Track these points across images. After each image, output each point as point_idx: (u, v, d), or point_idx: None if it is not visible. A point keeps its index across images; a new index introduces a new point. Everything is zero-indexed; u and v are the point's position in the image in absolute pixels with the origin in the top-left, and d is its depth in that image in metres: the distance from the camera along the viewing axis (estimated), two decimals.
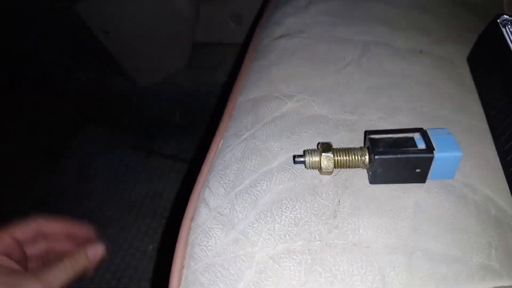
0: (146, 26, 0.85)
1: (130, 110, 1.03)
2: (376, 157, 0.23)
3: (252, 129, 0.30)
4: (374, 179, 0.24)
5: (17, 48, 1.11)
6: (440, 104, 0.30)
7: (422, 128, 0.24)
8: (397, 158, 0.22)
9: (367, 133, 0.24)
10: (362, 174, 0.25)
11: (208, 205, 0.24)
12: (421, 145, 0.23)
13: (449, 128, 0.29)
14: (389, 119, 0.28)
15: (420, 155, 0.22)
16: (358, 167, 0.24)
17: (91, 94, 1.05)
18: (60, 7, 0.85)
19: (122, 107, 1.05)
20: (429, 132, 0.24)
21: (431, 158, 0.22)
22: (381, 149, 0.23)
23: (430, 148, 0.22)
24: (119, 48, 0.88)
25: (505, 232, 0.24)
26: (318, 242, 0.21)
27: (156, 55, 0.92)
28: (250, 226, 0.22)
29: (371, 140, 0.24)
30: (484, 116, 0.30)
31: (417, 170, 0.23)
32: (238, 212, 0.23)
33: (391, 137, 0.24)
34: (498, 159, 0.28)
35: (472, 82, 0.33)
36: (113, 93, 1.05)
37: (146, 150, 0.90)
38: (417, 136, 0.23)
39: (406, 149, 0.23)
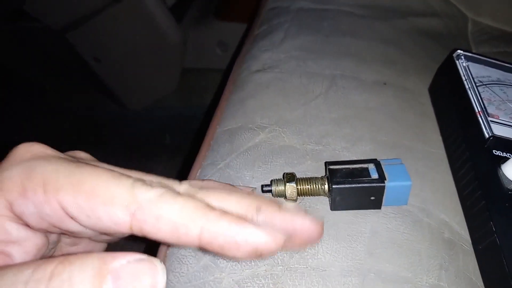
0: (136, 53, 0.88)
1: (121, 132, 1.05)
2: (333, 186, 0.25)
3: (227, 159, 0.32)
4: (334, 206, 0.26)
5: (13, 71, 1.14)
6: (401, 133, 0.33)
7: (376, 159, 0.26)
8: (352, 187, 0.25)
9: (327, 164, 0.27)
10: (324, 202, 0.27)
11: None
12: (374, 175, 0.25)
13: (408, 155, 0.31)
14: (352, 148, 0.31)
15: (373, 185, 0.25)
16: (320, 195, 0.26)
17: (84, 117, 1.08)
18: (52, 35, 0.88)
19: (113, 129, 1.07)
20: (382, 163, 0.26)
21: (383, 187, 0.25)
22: (339, 179, 0.25)
23: (382, 178, 0.25)
24: (110, 75, 0.91)
25: (457, 253, 0.26)
26: (280, 267, 0.23)
27: (146, 81, 0.95)
28: None
29: (330, 170, 0.26)
30: (442, 143, 0.33)
31: (372, 198, 0.25)
32: None
33: (348, 168, 0.26)
34: (454, 184, 0.30)
35: (432, 111, 0.36)
36: (105, 116, 1.08)
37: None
38: (371, 166, 0.26)
39: (360, 179, 0.25)
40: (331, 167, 0.26)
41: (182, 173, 0.34)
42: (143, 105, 1.01)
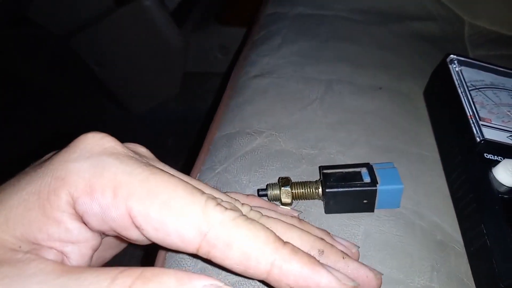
0: (139, 58, 0.89)
1: (125, 135, 1.06)
2: (327, 190, 0.25)
3: (225, 163, 0.33)
4: (328, 209, 0.27)
5: (18, 76, 1.16)
6: (395, 137, 0.33)
7: (368, 163, 0.27)
8: (345, 191, 0.25)
9: (321, 168, 0.27)
10: (319, 205, 0.28)
11: None
12: (367, 179, 0.26)
13: (403, 158, 0.32)
14: (347, 152, 0.31)
15: (365, 188, 0.25)
16: (314, 198, 0.27)
17: (88, 121, 1.09)
18: (56, 41, 0.89)
19: (117, 133, 1.08)
20: (375, 167, 0.27)
21: (375, 191, 0.25)
22: (332, 183, 0.26)
23: (374, 182, 0.25)
24: (112, 79, 0.93)
25: (449, 255, 0.26)
26: None
27: (148, 84, 0.96)
28: None
29: (324, 174, 0.26)
30: (436, 147, 0.33)
31: (365, 201, 0.26)
32: None
33: (341, 172, 0.27)
34: (447, 187, 0.31)
35: (427, 115, 0.36)
36: (108, 120, 1.09)
37: None
38: (364, 170, 0.26)
39: (353, 182, 0.25)
40: (325, 171, 0.27)
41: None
42: (145, 108, 1.02)
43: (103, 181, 0.14)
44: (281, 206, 0.27)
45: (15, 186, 0.15)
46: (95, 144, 0.15)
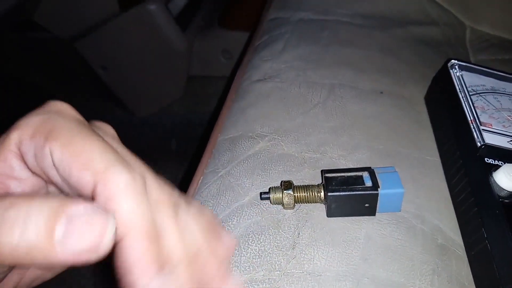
0: (143, 62, 0.90)
1: (129, 138, 1.07)
2: (329, 194, 0.26)
3: (228, 166, 0.33)
4: (330, 213, 0.27)
5: (23, 80, 1.17)
6: (396, 141, 0.34)
7: (370, 167, 0.27)
8: (347, 194, 0.26)
9: (323, 172, 0.28)
10: (321, 208, 0.28)
11: None
12: (368, 183, 0.26)
13: (404, 162, 0.32)
14: (348, 156, 0.32)
15: (367, 192, 0.25)
16: (316, 202, 0.27)
17: None
18: (61, 44, 0.90)
19: (121, 136, 1.09)
20: (376, 171, 0.27)
21: (377, 195, 0.25)
22: (334, 187, 0.26)
23: (375, 186, 0.26)
24: (117, 83, 0.93)
25: (450, 259, 0.26)
26: (278, 272, 0.24)
27: (152, 88, 0.97)
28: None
29: (326, 178, 0.27)
30: (437, 151, 0.34)
31: (366, 205, 0.26)
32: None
33: (343, 176, 0.27)
34: (448, 190, 0.31)
35: (428, 119, 0.36)
36: (112, 123, 1.10)
37: None
38: (365, 174, 0.27)
39: (355, 186, 0.26)
40: (327, 175, 0.27)
41: (185, 180, 0.36)
42: (149, 112, 1.03)
43: (43, 129, 0.17)
44: (284, 209, 0.28)
45: None
46: (53, 106, 0.19)
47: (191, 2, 0.92)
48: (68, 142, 0.16)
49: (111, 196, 0.15)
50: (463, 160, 0.29)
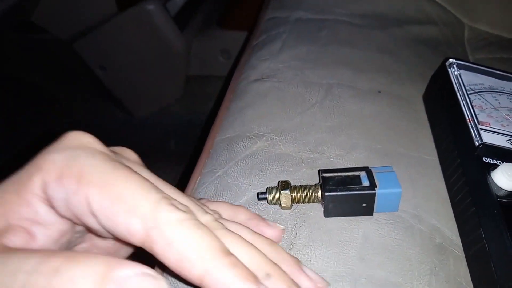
0: (142, 62, 0.90)
1: (128, 139, 1.07)
2: (326, 193, 0.26)
3: (225, 166, 0.33)
4: (327, 213, 0.27)
5: (23, 80, 1.17)
6: (394, 140, 0.34)
7: (367, 167, 0.27)
8: (344, 194, 0.25)
9: (320, 171, 0.27)
10: (318, 208, 0.28)
11: None
12: (366, 182, 0.26)
13: (402, 162, 0.32)
14: (346, 156, 0.32)
15: (364, 192, 0.25)
16: (314, 202, 0.27)
17: (91, 124, 1.10)
18: (60, 45, 0.90)
19: (120, 136, 1.09)
20: (374, 170, 0.27)
21: (374, 194, 0.25)
22: (331, 187, 0.26)
23: (372, 185, 0.25)
24: (116, 83, 0.93)
25: (448, 259, 0.26)
26: None
27: (151, 88, 0.97)
28: None
29: (323, 178, 0.27)
30: (435, 150, 0.33)
31: (364, 205, 0.26)
32: None
33: (340, 175, 0.27)
34: (446, 190, 0.31)
35: (426, 118, 0.36)
36: (111, 123, 1.10)
37: None
38: (363, 174, 0.26)
39: (352, 186, 0.26)
40: (324, 175, 0.27)
41: (183, 180, 0.36)
42: (148, 112, 1.02)
43: (71, 170, 0.16)
44: (281, 209, 0.28)
45: (4, 181, 0.17)
46: (74, 140, 0.17)
47: (189, 2, 0.92)
48: (105, 187, 0.15)
49: (171, 239, 0.15)
50: (461, 159, 0.29)
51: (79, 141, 0.17)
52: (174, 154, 1.02)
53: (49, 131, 1.10)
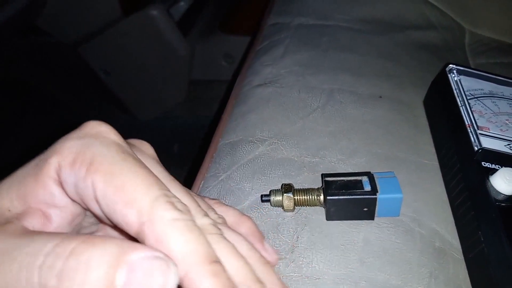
0: (146, 66, 0.91)
1: None
2: (328, 197, 0.26)
3: (229, 171, 0.33)
4: (329, 216, 0.27)
5: (27, 84, 1.18)
6: (395, 145, 0.34)
7: (369, 172, 0.27)
8: (346, 198, 0.26)
9: (323, 176, 0.28)
10: (320, 212, 0.28)
11: None
12: (367, 187, 0.26)
13: (402, 167, 0.32)
14: (347, 160, 0.32)
15: (366, 196, 0.26)
16: (316, 205, 0.28)
17: None
18: (65, 49, 0.92)
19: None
20: (376, 175, 0.27)
21: (375, 199, 0.26)
22: (333, 191, 0.26)
23: (374, 190, 0.26)
24: (120, 87, 0.94)
25: (447, 262, 0.27)
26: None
27: (155, 92, 0.98)
28: None
29: (326, 182, 0.27)
30: (435, 155, 0.34)
31: (365, 209, 0.26)
32: None
33: (343, 180, 0.27)
34: (446, 194, 0.31)
35: (427, 123, 0.37)
36: (115, 127, 1.11)
37: None
38: (365, 179, 0.27)
39: (354, 191, 0.26)
40: (327, 179, 0.28)
41: (186, 183, 0.36)
42: (152, 116, 1.03)
43: (83, 157, 0.16)
44: (284, 211, 0.28)
45: (23, 165, 0.18)
46: (92, 128, 0.18)
47: (192, 7, 0.93)
48: (110, 176, 0.16)
49: (160, 237, 0.15)
50: (461, 164, 0.29)
51: (96, 130, 0.18)
52: (177, 158, 1.02)
53: (53, 133, 1.11)
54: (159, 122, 1.05)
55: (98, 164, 0.16)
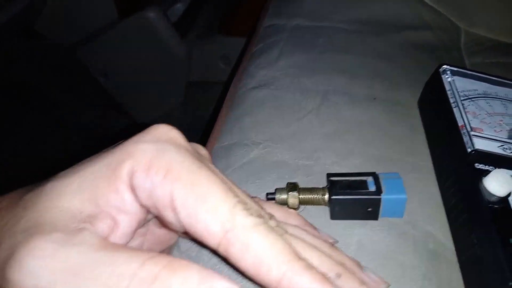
0: (143, 68, 0.91)
1: None
2: (332, 197, 0.26)
3: (223, 174, 0.33)
4: (333, 216, 0.28)
5: (26, 86, 1.18)
6: (390, 146, 0.34)
7: (375, 173, 0.28)
8: (350, 198, 0.26)
9: (328, 175, 0.28)
10: (324, 211, 0.28)
11: (180, 248, 0.28)
12: (372, 187, 0.26)
13: (397, 167, 0.32)
14: (342, 162, 0.32)
15: (370, 197, 0.26)
16: (320, 204, 0.28)
17: (94, 130, 1.11)
18: (63, 51, 0.92)
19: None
20: (381, 176, 0.27)
21: (379, 200, 0.26)
22: (338, 190, 0.27)
23: (378, 191, 0.26)
24: (118, 89, 0.95)
25: (440, 264, 0.27)
26: None
27: (153, 94, 0.98)
28: (214, 267, 0.26)
29: (331, 181, 0.27)
30: (430, 156, 0.34)
31: (369, 209, 0.27)
32: (204, 255, 0.26)
33: (348, 180, 0.28)
34: (440, 195, 0.31)
35: (421, 124, 0.37)
36: (114, 129, 1.11)
37: None
38: (370, 179, 0.27)
39: (358, 191, 0.26)
40: (332, 178, 0.28)
41: None
42: (150, 117, 1.04)
43: (160, 163, 0.16)
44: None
45: (90, 161, 0.18)
46: (163, 133, 0.18)
47: (190, 9, 0.93)
48: (190, 185, 0.16)
49: (247, 243, 0.15)
50: (454, 165, 0.29)
51: (167, 135, 0.18)
52: None
53: (53, 135, 1.11)
54: (157, 123, 1.05)
55: (176, 172, 0.16)
